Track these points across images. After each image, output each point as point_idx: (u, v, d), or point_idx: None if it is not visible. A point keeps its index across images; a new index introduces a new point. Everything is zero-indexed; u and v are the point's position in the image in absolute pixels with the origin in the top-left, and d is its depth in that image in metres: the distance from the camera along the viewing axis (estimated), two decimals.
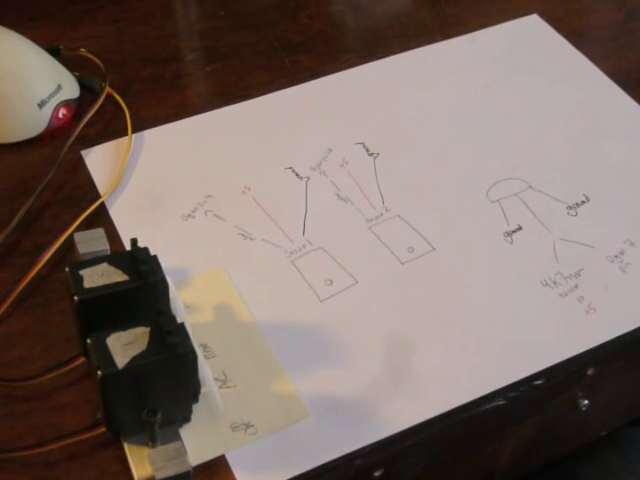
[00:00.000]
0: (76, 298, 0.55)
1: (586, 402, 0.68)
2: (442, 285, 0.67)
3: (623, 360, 0.66)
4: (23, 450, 0.57)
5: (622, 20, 0.90)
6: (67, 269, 0.57)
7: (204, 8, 0.91)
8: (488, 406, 0.61)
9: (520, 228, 0.71)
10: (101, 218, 0.71)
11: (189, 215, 0.71)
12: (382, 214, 0.72)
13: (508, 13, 0.89)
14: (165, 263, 0.58)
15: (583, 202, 0.73)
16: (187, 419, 0.57)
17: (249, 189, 0.73)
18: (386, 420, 0.59)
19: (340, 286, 0.67)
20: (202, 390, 0.56)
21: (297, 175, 0.74)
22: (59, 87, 0.77)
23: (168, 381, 0.54)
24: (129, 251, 0.58)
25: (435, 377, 0.61)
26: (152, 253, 0.58)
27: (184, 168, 0.75)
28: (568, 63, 0.85)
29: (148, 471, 0.54)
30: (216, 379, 0.60)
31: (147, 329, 0.54)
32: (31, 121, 0.76)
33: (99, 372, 0.52)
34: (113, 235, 0.69)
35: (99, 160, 0.75)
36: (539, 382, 0.62)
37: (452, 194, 0.73)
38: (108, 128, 0.78)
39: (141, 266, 0.56)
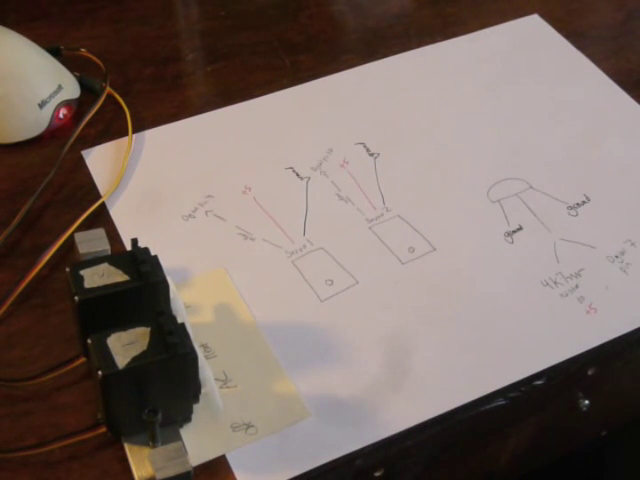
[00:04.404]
0: (77, 298, 0.55)
1: (586, 402, 0.68)
2: (442, 285, 0.67)
3: (623, 360, 0.66)
4: (23, 450, 0.57)
5: (622, 20, 0.90)
6: (67, 269, 0.57)
7: (204, 8, 0.91)
8: (488, 406, 0.61)
9: (520, 228, 0.71)
10: (101, 218, 0.71)
11: (190, 215, 0.71)
12: (382, 214, 0.72)
13: (508, 13, 0.89)
14: (165, 263, 0.58)
15: (583, 202, 0.73)
16: (188, 419, 0.57)
17: (250, 189, 0.73)
18: (386, 420, 0.59)
19: (340, 286, 0.67)
20: (203, 390, 0.56)
21: (298, 175, 0.74)
22: (59, 87, 0.77)
23: (169, 381, 0.54)
24: (130, 251, 0.58)
25: (435, 377, 0.61)
26: (153, 253, 0.58)
27: (184, 168, 0.75)
28: (568, 63, 0.85)
29: (149, 471, 0.54)
30: (217, 379, 0.60)
31: (147, 329, 0.54)
32: (32, 121, 0.76)
33: (99, 372, 0.52)
34: (114, 235, 0.69)
35: (100, 160, 0.75)
36: (539, 382, 0.62)
37: (452, 194, 0.73)
38: (108, 128, 0.78)
39: (142, 266, 0.56)
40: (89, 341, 0.53)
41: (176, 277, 0.64)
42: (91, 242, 0.61)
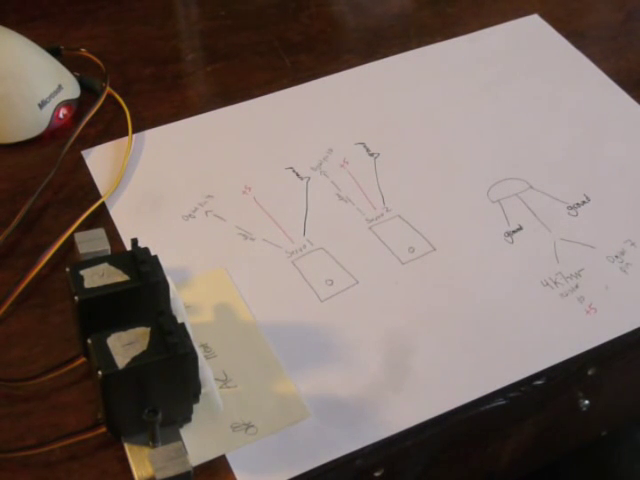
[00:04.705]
0: (77, 298, 0.55)
1: (586, 402, 0.68)
2: (442, 285, 0.67)
3: (623, 360, 0.66)
4: (23, 450, 0.57)
5: (622, 20, 0.90)
6: (67, 269, 0.57)
7: (204, 8, 0.91)
8: (488, 406, 0.61)
9: (520, 228, 0.71)
10: (101, 218, 0.71)
11: (190, 215, 0.71)
12: (382, 214, 0.72)
13: (508, 13, 0.89)
14: (165, 263, 0.58)
15: (583, 202, 0.73)
16: (188, 419, 0.57)
17: (250, 189, 0.73)
18: (386, 420, 0.59)
19: (340, 286, 0.67)
20: (203, 390, 0.56)
21: (298, 175, 0.74)
22: (60, 87, 0.77)
23: (169, 381, 0.54)
24: (130, 251, 0.58)
25: (435, 377, 0.61)
26: (152, 253, 0.58)
27: (184, 168, 0.75)
28: (568, 63, 0.85)
29: (149, 471, 0.54)
30: (216, 379, 0.60)
31: (147, 329, 0.54)
32: (32, 121, 0.76)
33: (100, 372, 0.52)
34: (114, 235, 0.69)
35: (100, 160, 0.75)
36: (539, 382, 0.62)
37: (453, 194, 0.73)
38: (108, 128, 0.78)
39: (142, 266, 0.56)
40: (89, 341, 0.53)
41: (176, 277, 0.64)
42: (91, 242, 0.61)
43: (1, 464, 0.57)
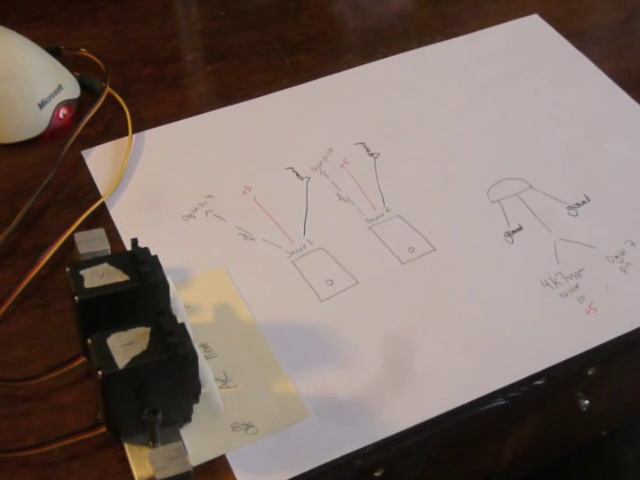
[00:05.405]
0: (77, 298, 0.55)
1: (586, 402, 0.68)
2: (442, 285, 0.67)
3: (623, 360, 0.66)
4: (23, 450, 0.57)
5: (622, 20, 0.90)
6: (68, 269, 0.57)
7: (205, 8, 0.91)
8: (488, 406, 0.61)
9: (520, 228, 0.71)
10: (101, 218, 0.71)
11: (190, 215, 0.71)
12: (382, 214, 0.72)
13: (508, 13, 0.89)
14: (165, 263, 0.58)
15: (584, 202, 0.73)
16: (188, 419, 0.57)
17: (250, 189, 0.73)
18: (386, 420, 0.59)
19: (340, 286, 0.67)
20: (203, 390, 0.56)
21: (298, 175, 0.74)
22: (60, 87, 0.77)
23: (169, 381, 0.54)
24: (130, 251, 0.58)
25: (435, 377, 0.61)
26: (152, 253, 0.58)
27: (185, 168, 0.75)
28: (568, 63, 0.85)
29: (149, 471, 0.54)
30: (216, 379, 0.60)
31: (147, 329, 0.54)
32: (32, 121, 0.76)
33: (99, 372, 0.52)
34: (114, 235, 0.69)
35: (100, 160, 0.75)
36: (539, 382, 0.62)
37: (453, 194, 0.73)
38: (109, 128, 0.78)
39: (142, 266, 0.56)
40: (89, 341, 0.53)
41: (176, 277, 0.64)
42: (91, 242, 0.61)
43: (1, 464, 0.57)
